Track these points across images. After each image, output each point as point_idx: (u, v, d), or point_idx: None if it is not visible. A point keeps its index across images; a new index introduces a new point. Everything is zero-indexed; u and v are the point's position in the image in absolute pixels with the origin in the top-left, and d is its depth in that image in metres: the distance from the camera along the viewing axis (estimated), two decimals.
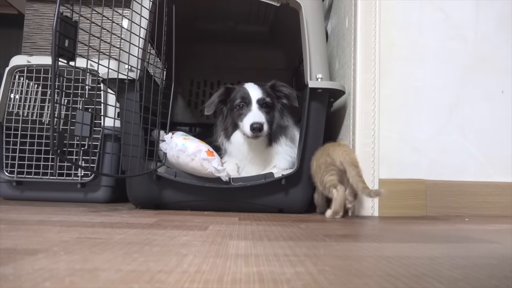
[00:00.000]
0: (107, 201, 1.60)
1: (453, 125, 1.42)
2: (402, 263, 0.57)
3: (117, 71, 1.28)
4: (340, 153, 1.20)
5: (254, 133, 1.35)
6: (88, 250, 0.60)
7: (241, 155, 1.47)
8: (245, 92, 1.45)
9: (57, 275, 0.46)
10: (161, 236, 0.76)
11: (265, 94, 1.44)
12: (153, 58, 1.75)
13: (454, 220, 1.24)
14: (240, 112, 1.43)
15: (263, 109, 1.42)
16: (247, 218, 1.15)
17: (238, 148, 1.47)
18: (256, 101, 1.42)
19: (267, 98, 1.43)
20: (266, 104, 1.43)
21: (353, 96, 1.40)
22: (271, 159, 1.46)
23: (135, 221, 1.00)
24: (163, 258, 0.56)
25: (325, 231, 0.91)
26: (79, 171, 1.56)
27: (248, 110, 1.41)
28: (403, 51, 1.42)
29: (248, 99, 1.43)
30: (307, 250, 0.66)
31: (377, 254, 0.64)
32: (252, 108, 1.41)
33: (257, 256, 0.60)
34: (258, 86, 1.47)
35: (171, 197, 1.35)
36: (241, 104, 1.43)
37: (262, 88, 1.46)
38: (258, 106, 1.42)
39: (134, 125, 1.31)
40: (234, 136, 1.48)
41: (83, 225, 0.88)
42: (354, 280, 0.48)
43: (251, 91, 1.44)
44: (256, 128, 1.34)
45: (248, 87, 1.47)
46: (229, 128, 1.49)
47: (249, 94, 1.43)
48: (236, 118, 1.45)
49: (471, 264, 0.58)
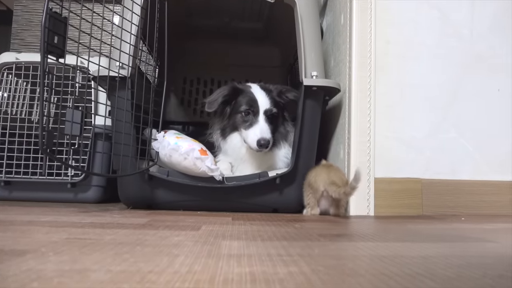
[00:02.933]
0: (97, 201, 1.60)
1: (449, 123, 1.43)
2: (396, 262, 0.58)
3: (108, 68, 1.28)
4: (322, 177, 1.23)
5: (260, 149, 1.35)
6: (77, 250, 0.60)
7: (236, 155, 1.48)
8: (252, 99, 1.43)
9: (45, 276, 0.46)
10: (152, 236, 0.76)
11: (273, 103, 1.43)
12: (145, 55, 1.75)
13: (451, 219, 1.25)
14: (245, 119, 1.42)
15: (269, 120, 1.41)
16: (241, 218, 1.15)
17: (233, 149, 1.47)
18: (263, 112, 1.41)
19: (274, 109, 1.43)
20: (272, 114, 1.42)
21: (349, 94, 1.41)
22: (267, 160, 1.46)
23: (126, 221, 0.99)
24: (154, 259, 0.56)
25: (320, 230, 0.91)
26: (69, 171, 1.55)
27: (254, 121, 1.40)
28: (398, 49, 1.43)
29: (256, 108, 1.41)
30: (301, 250, 0.66)
31: (371, 254, 0.64)
32: (259, 119, 1.40)
33: (250, 256, 0.60)
34: (266, 92, 1.45)
35: (163, 197, 1.35)
36: (247, 111, 1.42)
37: (270, 95, 1.45)
38: (265, 118, 1.40)
39: (126, 124, 1.30)
40: (231, 138, 1.47)
41: (73, 226, 0.88)
42: (347, 280, 0.48)
43: (260, 99, 1.42)
44: (263, 145, 1.33)
45: (255, 92, 1.45)
46: (227, 129, 1.48)
47: (257, 103, 1.42)
48: (239, 124, 1.44)
49: (466, 263, 0.59)
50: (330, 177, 1.22)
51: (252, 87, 1.49)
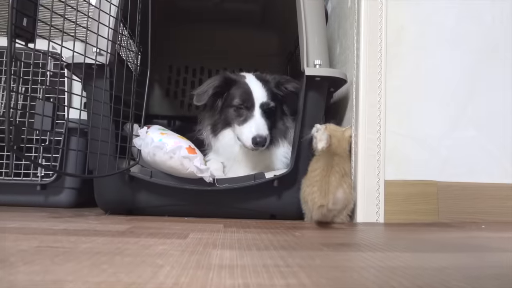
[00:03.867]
0: (71, 205, 1.60)
1: (468, 120, 1.44)
2: (407, 274, 0.59)
3: (84, 55, 1.28)
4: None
5: (256, 147, 1.35)
6: (49, 260, 0.61)
7: (229, 153, 1.48)
8: (247, 91, 1.43)
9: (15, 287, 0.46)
10: (134, 245, 0.76)
11: (270, 96, 1.44)
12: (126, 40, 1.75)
13: (469, 227, 1.26)
14: (239, 114, 1.42)
15: (266, 115, 1.41)
16: (234, 225, 1.16)
17: (225, 147, 1.48)
18: (259, 106, 1.41)
19: (271, 103, 1.43)
20: (269, 108, 1.43)
21: (356, 85, 1.42)
22: (264, 159, 1.47)
23: (104, 228, 1.00)
24: (136, 269, 0.57)
25: (323, 239, 0.92)
26: (39, 171, 1.55)
27: (249, 116, 1.40)
28: (412, 35, 1.44)
29: (251, 101, 1.41)
30: (301, 260, 0.67)
31: (379, 265, 0.65)
32: (255, 114, 1.40)
33: (243, 267, 0.61)
34: (262, 84, 1.45)
35: (146, 200, 1.35)
36: (241, 105, 1.42)
37: (266, 86, 1.45)
38: (261, 112, 1.41)
39: (104, 118, 1.31)
40: (223, 135, 1.48)
41: (44, 233, 0.88)
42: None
43: (255, 92, 1.42)
44: (260, 142, 1.33)
45: (250, 83, 1.45)
46: (218, 125, 1.49)
47: (252, 96, 1.42)
48: (231, 119, 1.44)
49: (483, 275, 0.60)
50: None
51: (247, 77, 1.49)
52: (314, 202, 1.22)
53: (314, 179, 1.28)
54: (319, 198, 1.21)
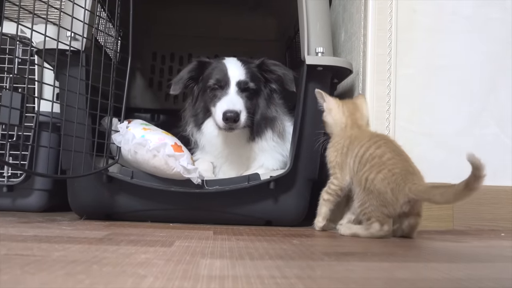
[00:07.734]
0: (42, 209, 1.60)
1: (488, 115, 1.45)
2: (416, 286, 0.60)
3: (57, 40, 1.27)
4: None
5: (227, 124, 1.35)
6: (19, 269, 0.61)
7: (216, 150, 1.49)
8: (222, 70, 1.45)
9: None
10: (113, 253, 0.77)
11: (249, 75, 1.45)
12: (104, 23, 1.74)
13: (488, 235, 1.27)
14: (214, 94, 1.44)
15: (243, 94, 1.42)
16: (225, 231, 1.17)
17: (211, 141, 1.49)
18: (235, 83, 1.42)
19: (250, 83, 1.44)
20: (248, 88, 1.44)
21: (363, 76, 1.42)
22: (255, 157, 1.48)
23: (79, 234, 1.00)
24: (115, 280, 0.57)
25: (324, 248, 0.93)
26: (5, 170, 1.55)
27: (223, 94, 1.42)
28: (427, 20, 1.45)
29: (226, 80, 1.43)
30: (300, 271, 0.68)
31: (386, 276, 0.66)
32: (229, 91, 1.42)
33: (235, 278, 0.61)
34: (242, 63, 1.47)
35: (126, 204, 1.36)
36: (215, 85, 1.44)
37: (246, 66, 1.47)
38: (237, 90, 1.42)
39: (79, 111, 1.30)
40: (206, 125, 1.49)
41: (12, 239, 0.89)
42: None
43: (231, 70, 1.45)
44: (230, 118, 1.34)
45: (228, 63, 1.48)
46: (199, 115, 1.50)
47: (227, 73, 1.44)
48: (208, 102, 1.46)
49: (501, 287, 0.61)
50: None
51: (226, 59, 1.51)
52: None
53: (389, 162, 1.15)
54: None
